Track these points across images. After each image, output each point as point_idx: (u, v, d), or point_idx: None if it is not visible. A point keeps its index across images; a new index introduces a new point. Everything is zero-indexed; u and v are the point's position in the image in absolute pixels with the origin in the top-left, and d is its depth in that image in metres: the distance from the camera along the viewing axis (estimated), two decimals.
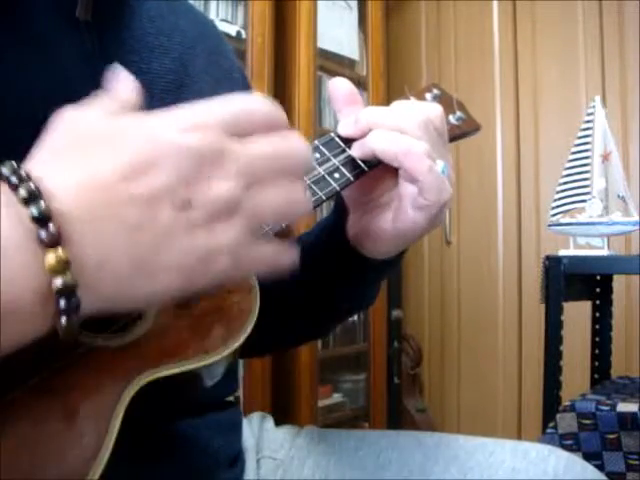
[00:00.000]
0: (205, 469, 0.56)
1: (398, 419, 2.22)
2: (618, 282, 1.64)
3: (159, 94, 0.52)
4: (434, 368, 2.38)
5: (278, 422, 0.73)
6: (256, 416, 0.73)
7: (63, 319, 0.31)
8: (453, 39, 2.36)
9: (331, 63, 2.02)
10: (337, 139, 0.53)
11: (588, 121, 1.47)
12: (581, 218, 1.43)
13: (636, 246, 1.88)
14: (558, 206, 1.48)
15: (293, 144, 0.37)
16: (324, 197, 0.49)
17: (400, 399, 2.27)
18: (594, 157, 1.44)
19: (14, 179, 0.31)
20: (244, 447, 0.65)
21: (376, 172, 0.53)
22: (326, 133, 0.53)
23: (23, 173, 0.32)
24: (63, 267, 0.30)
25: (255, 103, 0.37)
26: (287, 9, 1.88)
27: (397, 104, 0.54)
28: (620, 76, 2.02)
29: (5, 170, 0.32)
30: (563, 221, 1.46)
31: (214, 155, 0.34)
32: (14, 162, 0.32)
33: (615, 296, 1.60)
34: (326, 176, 0.50)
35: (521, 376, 2.18)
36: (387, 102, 0.59)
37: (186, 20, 0.59)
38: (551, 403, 1.32)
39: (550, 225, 1.49)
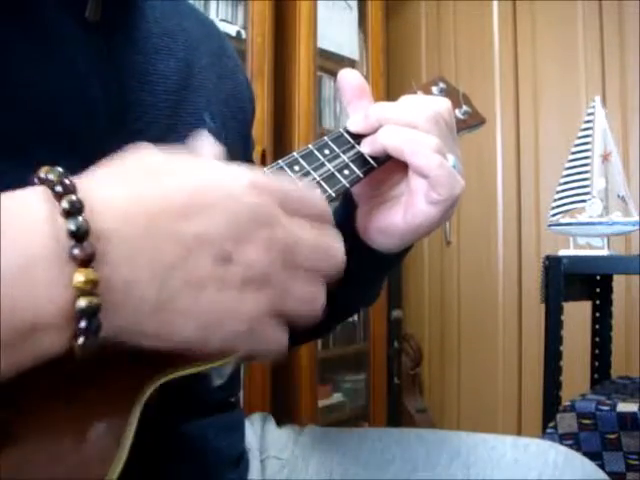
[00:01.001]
0: (212, 468, 0.56)
1: (398, 419, 2.22)
2: (618, 282, 1.64)
3: (164, 94, 0.52)
4: (434, 368, 2.38)
5: (278, 422, 0.73)
6: (258, 416, 0.73)
7: (81, 340, 0.30)
8: (453, 39, 2.36)
9: (331, 63, 2.02)
10: (346, 135, 0.53)
11: (588, 121, 1.47)
12: (581, 218, 1.43)
13: (636, 246, 1.88)
14: (558, 206, 1.48)
15: (334, 245, 0.37)
16: (334, 194, 0.49)
17: (400, 399, 2.27)
18: (594, 157, 1.44)
19: (59, 188, 0.30)
20: (247, 447, 0.66)
21: (385, 167, 0.53)
22: (326, 133, 0.53)
23: (69, 183, 0.31)
24: (90, 288, 0.29)
25: (313, 193, 0.37)
26: (287, 9, 1.88)
27: (406, 99, 0.54)
28: (620, 76, 2.02)
29: (52, 176, 0.31)
30: (563, 221, 1.46)
31: (266, 222, 0.33)
32: (61, 169, 0.32)
33: (615, 296, 1.60)
34: (336, 173, 0.50)
35: (521, 376, 2.18)
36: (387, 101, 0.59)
37: (190, 21, 0.60)
38: (551, 403, 1.32)
39: (550, 225, 1.49)
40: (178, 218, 0.32)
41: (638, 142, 1.99)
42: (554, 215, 1.48)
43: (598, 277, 1.58)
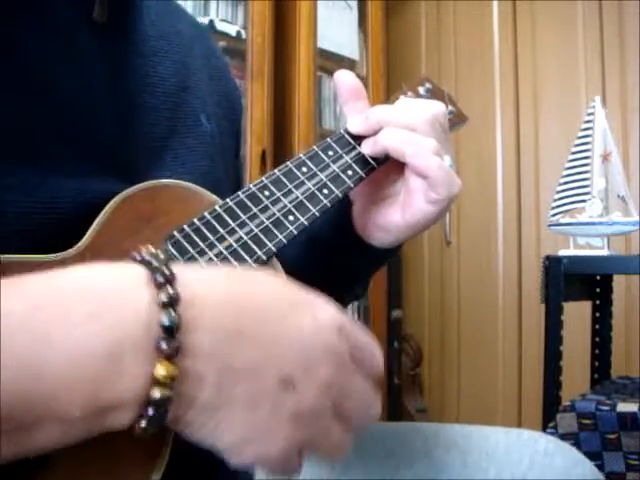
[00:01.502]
0: (223, 460, 0.57)
1: (398, 419, 2.22)
2: (618, 282, 1.64)
3: (163, 97, 0.52)
4: (434, 368, 2.38)
5: None
6: None
7: (143, 424, 0.31)
8: (453, 39, 2.36)
9: (331, 63, 2.02)
10: (347, 136, 0.55)
11: (588, 121, 1.47)
12: (581, 218, 1.43)
13: (636, 246, 1.88)
14: (558, 206, 1.48)
15: (377, 402, 0.38)
16: (340, 194, 0.51)
17: (400, 399, 2.27)
18: (594, 157, 1.44)
19: (160, 278, 0.31)
20: None
21: (382, 166, 0.55)
22: (326, 133, 0.54)
23: (169, 273, 0.31)
24: (168, 382, 0.30)
25: (377, 349, 0.39)
26: (287, 9, 1.88)
27: (404, 102, 0.56)
28: (620, 76, 2.02)
29: (155, 262, 0.32)
30: (563, 221, 1.46)
31: (336, 364, 0.34)
32: (163, 255, 0.32)
33: (615, 296, 1.60)
34: (340, 174, 0.52)
35: (521, 376, 2.18)
36: (387, 102, 0.59)
37: (182, 23, 0.60)
38: (551, 403, 1.32)
39: (550, 225, 1.49)
40: (263, 327, 0.33)
41: (638, 142, 1.99)
42: (554, 215, 1.48)
43: (598, 277, 1.58)
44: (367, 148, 0.54)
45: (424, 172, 0.51)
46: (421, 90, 0.64)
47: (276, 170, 0.50)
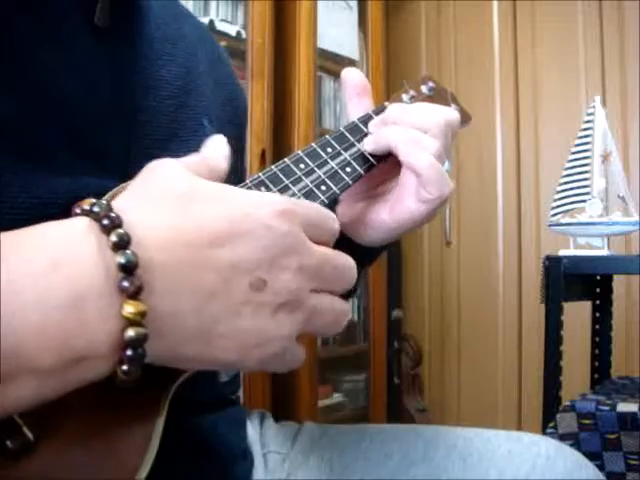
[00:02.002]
0: (224, 461, 0.58)
1: (398, 419, 2.22)
2: (618, 282, 1.64)
3: (167, 100, 0.52)
4: (434, 368, 2.38)
5: (278, 421, 0.74)
6: (256, 414, 0.74)
7: (125, 367, 0.31)
8: (453, 39, 2.36)
9: (331, 63, 2.03)
10: (347, 133, 0.55)
11: (588, 121, 1.47)
12: (581, 218, 1.43)
13: (636, 246, 1.88)
14: (558, 206, 1.48)
15: (349, 262, 0.40)
16: (338, 192, 0.51)
17: (400, 399, 2.27)
18: (594, 157, 1.44)
19: (106, 222, 0.32)
20: (249, 443, 0.67)
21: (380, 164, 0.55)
22: (326, 133, 0.54)
23: (115, 216, 0.32)
24: (139, 319, 0.31)
25: (329, 216, 0.40)
26: (287, 9, 1.88)
27: (421, 105, 0.57)
28: (620, 76, 2.02)
29: (97, 209, 0.32)
30: (563, 221, 1.46)
31: (296, 248, 0.36)
32: (107, 202, 0.33)
33: (615, 296, 1.60)
34: (339, 170, 0.52)
35: (521, 376, 2.18)
36: (389, 100, 0.59)
37: (188, 26, 0.60)
38: (551, 403, 1.32)
39: (550, 225, 1.49)
40: (214, 247, 0.34)
41: (638, 142, 1.99)
42: (554, 215, 1.48)
43: (598, 277, 1.58)
44: (370, 144, 0.54)
45: (416, 169, 0.51)
46: (424, 89, 0.63)
47: (273, 166, 0.49)
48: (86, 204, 0.33)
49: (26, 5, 0.42)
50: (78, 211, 0.33)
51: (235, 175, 0.62)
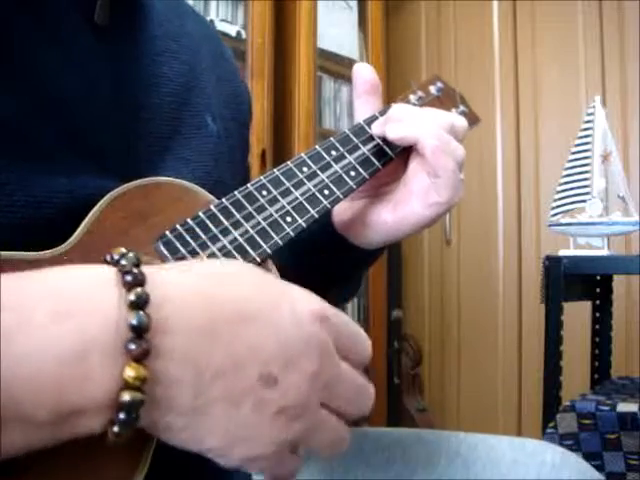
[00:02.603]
0: (221, 466, 0.57)
1: (398, 419, 2.22)
2: (618, 282, 1.64)
3: (169, 97, 0.52)
4: (434, 368, 2.38)
5: None
6: None
7: (115, 429, 0.30)
8: (453, 39, 2.36)
9: (331, 63, 2.03)
10: (351, 135, 0.54)
11: (588, 121, 1.47)
12: (581, 218, 1.43)
13: (636, 246, 1.88)
14: (558, 206, 1.48)
15: (370, 391, 0.38)
16: (342, 196, 0.50)
17: (400, 399, 2.27)
18: (594, 157, 1.44)
19: (130, 278, 0.30)
20: None
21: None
22: (326, 133, 0.54)
23: (139, 273, 0.31)
24: (138, 384, 0.29)
25: (363, 337, 0.38)
26: (287, 9, 1.88)
27: (425, 109, 0.55)
28: (620, 76, 2.02)
29: (124, 262, 0.31)
30: (563, 221, 1.46)
31: (319, 355, 0.34)
32: (135, 255, 0.32)
33: (615, 296, 1.60)
34: (343, 175, 0.51)
35: (521, 376, 2.18)
36: (387, 102, 0.59)
37: (191, 24, 0.60)
38: (551, 403, 1.32)
39: (550, 225, 1.49)
40: (236, 324, 0.32)
41: (638, 142, 1.99)
42: (554, 215, 1.48)
43: (598, 277, 1.58)
44: (394, 132, 0.52)
45: (439, 171, 0.50)
46: (432, 89, 0.62)
47: (275, 169, 0.48)
48: (116, 253, 0.32)
49: (26, 4, 0.42)
50: (108, 259, 0.33)
51: (240, 172, 0.62)
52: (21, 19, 0.42)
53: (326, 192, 0.49)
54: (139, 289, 0.30)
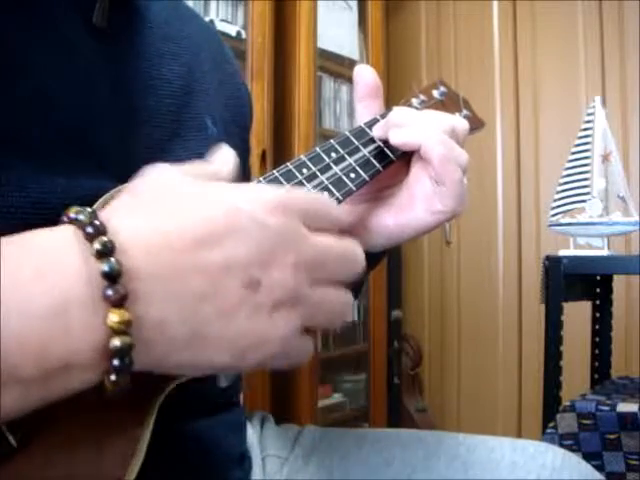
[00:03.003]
0: (221, 466, 0.57)
1: (398, 419, 2.22)
2: (618, 282, 1.64)
3: (168, 99, 0.52)
4: (434, 368, 2.38)
5: (278, 422, 0.73)
6: (257, 416, 0.73)
7: (112, 377, 0.31)
8: (453, 39, 2.36)
9: (331, 63, 2.02)
10: (352, 137, 0.53)
11: (588, 121, 1.47)
12: (581, 218, 1.43)
13: (636, 246, 1.88)
14: (558, 206, 1.48)
15: (355, 249, 0.38)
16: (341, 198, 0.49)
17: (400, 399, 2.27)
18: (594, 157, 1.44)
19: (90, 230, 0.31)
20: (248, 446, 0.66)
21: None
22: (326, 133, 0.54)
23: (99, 224, 0.31)
24: (124, 328, 0.30)
25: (329, 203, 0.38)
26: (287, 9, 1.87)
27: (426, 112, 0.55)
28: (620, 76, 2.02)
29: (82, 217, 0.32)
30: (563, 221, 1.46)
31: (293, 242, 0.34)
32: (90, 209, 0.32)
33: (615, 296, 1.60)
34: (342, 176, 0.50)
35: (521, 376, 2.18)
36: (387, 102, 0.59)
37: (191, 26, 0.60)
38: (551, 403, 1.32)
39: (550, 225, 1.49)
40: (201, 248, 0.32)
41: (638, 142, 1.99)
42: (554, 215, 1.48)
43: (598, 277, 1.58)
44: (398, 137, 0.51)
45: (446, 180, 0.50)
46: (435, 93, 0.62)
47: (275, 170, 0.48)
48: (72, 212, 0.33)
49: (24, 6, 0.42)
50: (65, 219, 0.33)
51: (241, 178, 0.61)
52: (19, 20, 0.42)
53: (325, 194, 0.49)
54: (103, 238, 0.31)
